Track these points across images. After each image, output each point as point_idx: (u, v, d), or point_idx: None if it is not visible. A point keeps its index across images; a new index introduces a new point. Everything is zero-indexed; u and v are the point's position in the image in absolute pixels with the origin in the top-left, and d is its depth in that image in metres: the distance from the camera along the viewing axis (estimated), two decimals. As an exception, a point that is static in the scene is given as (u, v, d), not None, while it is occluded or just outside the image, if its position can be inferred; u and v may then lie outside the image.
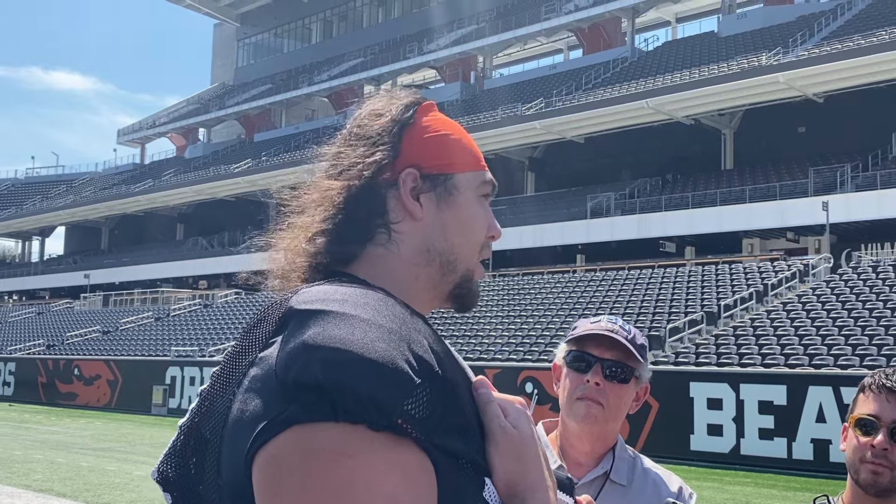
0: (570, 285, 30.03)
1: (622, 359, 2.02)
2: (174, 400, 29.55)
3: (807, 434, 15.85)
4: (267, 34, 73.26)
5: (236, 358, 1.03)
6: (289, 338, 0.97)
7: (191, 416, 1.06)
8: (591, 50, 51.25)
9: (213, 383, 1.05)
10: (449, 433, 0.98)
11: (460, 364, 1.11)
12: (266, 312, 1.06)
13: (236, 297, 43.62)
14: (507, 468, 1.04)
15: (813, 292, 22.89)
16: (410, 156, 1.17)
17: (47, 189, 75.75)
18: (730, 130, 41.32)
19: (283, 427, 0.93)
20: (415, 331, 1.01)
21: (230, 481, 0.99)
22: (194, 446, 1.04)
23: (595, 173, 43.61)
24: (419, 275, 1.16)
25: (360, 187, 1.16)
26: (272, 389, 0.95)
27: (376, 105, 1.23)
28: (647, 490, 2.05)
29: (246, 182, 53.68)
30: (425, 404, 0.95)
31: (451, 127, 1.23)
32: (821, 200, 29.89)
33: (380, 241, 1.15)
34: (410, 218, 1.16)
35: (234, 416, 0.99)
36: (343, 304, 1.00)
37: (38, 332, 44.87)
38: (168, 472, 1.07)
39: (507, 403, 1.10)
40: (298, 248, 1.18)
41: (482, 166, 1.24)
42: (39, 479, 13.50)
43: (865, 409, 1.99)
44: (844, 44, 35.69)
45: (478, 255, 1.21)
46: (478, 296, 1.23)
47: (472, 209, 1.20)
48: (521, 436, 1.07)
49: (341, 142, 1.22)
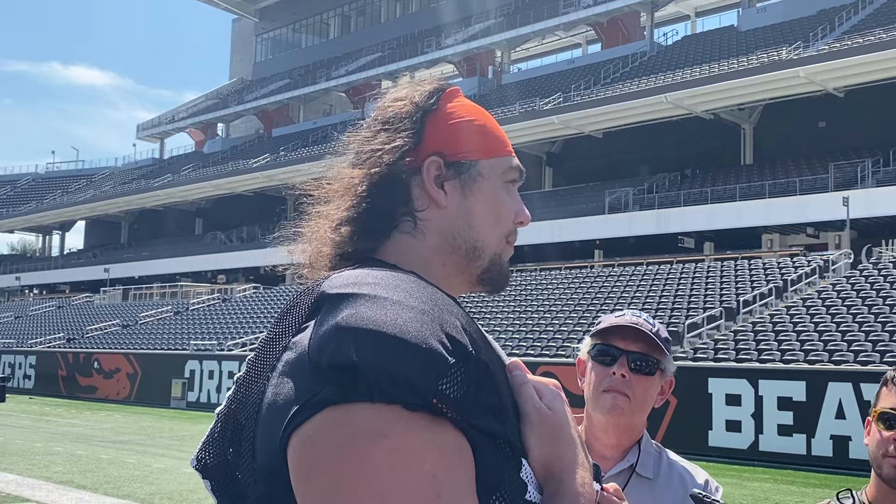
0: (587, 281, 29.96)
1: (647, 351, 2.02)
2: (193, 393, 29.70)
3: (826, 430, 15.75)
4: (285, 29, 73.42)
5: (270, 344, 1.04)
6: (321, 321, 0.98)
7: (227, 403, 1.08)
8: (610, 44, 51.06)
9: (249, 370, 1.06)
10: (484, 413, 0.98)
11: (494, 346, 1.11)
12: (298, 299, 1.06)
13: (255, 291, 43.79)
14: (543, 449, 1.05)
15: (833, 288, 22.75)
16: (434, 142, 1.17)
17: (67, 184, 76.27)
18: (749, 125, 41.09)
19: (318, 409, 0.93)
20: (447, 312, 1.01)
21: (265, 464, 0.99)
22: (231, 433, 1.05)
23: (613, 168, 43.46)
24: (446, 261, 1.16)
25: (382, 175, 1.16)
26: (306, 372, 0.96)
27: (400, 93, 1.22)
28: (673, 483, 2.04)
29: (264, 177, 53.84)
30: (459, 384, 0.95)
31: (477, 112, 1.22)
32: (841, 196, 29.68)
33: (405, 230, 1.15)
34: (435, 206, 1.15)
35: (269, 400, 0.99)
36: (375, 286, 1.00)
37: (59, 325, 45.21)
38: (206, 459, 1.08)
39: (542, 385, 1.11)
40: (325, 238, 1.18)
41: (509, 152, 1.23)
42: (60, 471, 13.61)
43: (888, 402, 1.99)
44: (865, 38, 35.42)
45: (505, 241, 1.20)
46: (508, 276, 1.23)
47: (497, 196, 1.19)
48: (557, 417, 1.08)
49: (365, 130, 1.21)
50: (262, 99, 66.89)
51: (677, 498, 2.01)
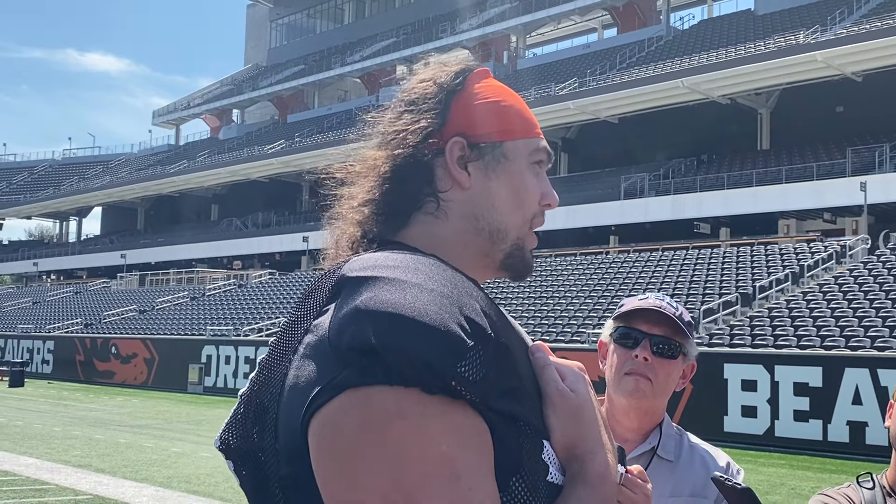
0: (602, 266, 29.91)
1: (670, 334, 2.02)
2: (209, 378, 29.86)
3: (843, 416, 15.70)
4: (300, 15, 73.35)
5: (292, 327, 1.05)
6: (342, 304, 0.98)
7: (250, 385, 1.08)
8: (626, 29, 50.78)
9: (271, 352, 1.06)
10: (504, 395, 0.98)
11: (515, 328, 1.11)
12: (319, 282, 1.07)
13: (270, 277, 43.91)
14: (565, 431, 1.05)
15: (850, 273, 22.64)
16: (458, 123, 1.16)
17: (84, 170, 76.62)
18: (766, 110, 40.82)
19: (338, 391, 0.93)
20: (467, 295, 1.01)
21: (286, 446, 1.00)
22: (254, 414, 1.05)
23: (629, 153, 43.29)
24: (468, 243, 1.15)
25: (406, 156, 1.15)
26: (326, 354, 0.96)
27: (426, 73, 1.21)
28: (695, 465, 2.04)
29: (279, 163, 53.89)
30: (478, 367, 0.94)
31: (504, 93, 1.21)
32: (858, 181, 29.48)
33: (428, 210, 1.14)
34: (458, 187, 1.15)
35: (290, 383, 1.00)
36: (394, 269, 1.00)
37: (76, 311, 45.51)
38: (230, 440, 1.08)
39: (565, 367, 1.10)
40: (349, 219, 1.18)
41: (536, 133, 1.21)
42: (78, 454, 13.74)
43: None
44: (884, 21, 35.08)
45: (530, 224, 1.20)
46: (531, 265, 1.22)
47: (523, 178, 1.18)
48: (579, 398, 1.07)
49: (390, 111, 1.21)
50: (276, 85, 66.92)
51: (699, 480, 2.01)
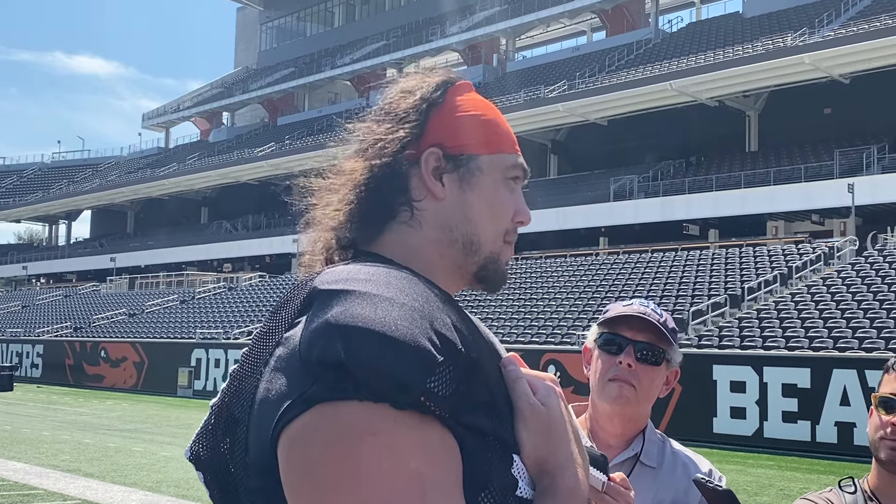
0: (592, 268, 29.96)
1: (654, 341, 2.03)
2: (199, 382, 29.78)
3: (831, 417, 15.76)
4: (290, 17, 73.29)
5: (263, 338, 1.05)
6: (312, 317, 0.98)
7: (221, 397, 1.08)
8: (615, 31, 50.90)
9: (242, 364, 1.06)
10: (474, 410, 0.98)
11: (488, 340, 1.11)
12: (292, 294, 1.06)
13: (260, 279, 43.85)
14: (535, 445, 1.04)
15: (838, 275, 22.73)
16: (436, 135, 1.16)
17: (73, 173, 76.35)
18: (754, 112, 40.97)
19: (307, 406, 0.93)
20: (438, 309, 1.01)
21: (256, 460, 1.00)
22: (225, 426, 1.05)
23: (618, 156, 43.38)
24: (443, 253, 1.15)
25: (382, 165, 1.15)
26: (296, 368, 0.96)
27: (408, 84, 1.21)
28: (677, 472, 2.06)
29: (270, 166, 53.81)
30: (448, 382, 0.95)
31: (484, 107, 1.21)
32: (846, 182, 29.61)
33: (402, 219, 1.15)
34: (432, 197, 1.15)
35: (261, 396, 1.00)
36: (366, 283, 1.00)
37: (66, 314, 45.33)
38: (200, 452, 1.08)
39: (537, 380, 1.10)
40: (324, 226, 1.19)
41: (514, 150, 1.21)
42: (67, 459, 13.68)
43: (888, 388, 2.01)
44: (871, 24, 35.26)
45: (503, 238, 1.19)
46: (505, 277, 1.21)
47: (497, 192, 1.18)
48: (550, 413, 1.07)
49: (369, 120, 1.21)
50: (266, 87, 66.83)
51: (681, 486, 2.02)
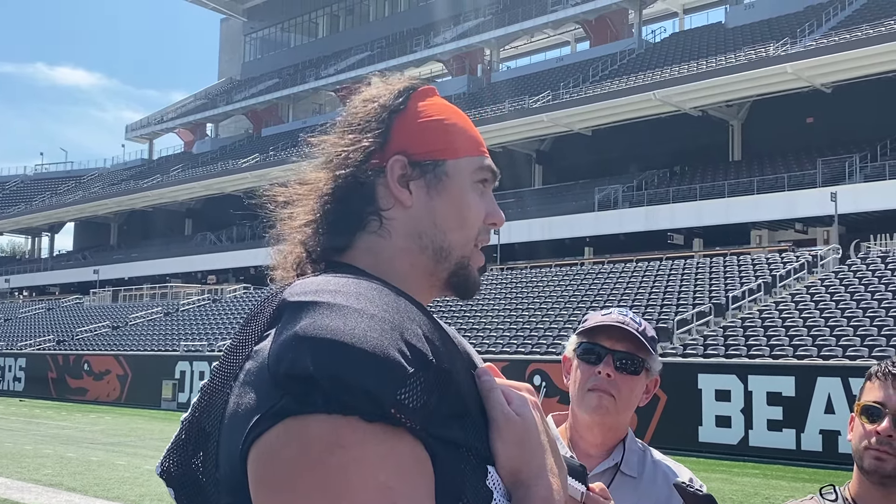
0: (577, 278, 30.00)
1: (633, 350, 2.02)
2: (184, 394, 29.62)
3: (815, 425, 15.81)
4: (273, 29, 73.31)
5: (233, 352, 1.03)
6: (281, 330, 0.97)
7: (192, 411, 1.07)
8: (598, 42, 51.16)
9: (213, 377, 1.05)
10: (446, 422, 0.97)
11: (462, 350, 1.10)
12: (261, 306, 1.05)
13: (245, 291, 43.72)
14: (510, 455, 1.03)
15: (822, 283, 22.84)
16: (400, 142, 1.15)
17: (56, 185, 76.03)
18: (738, 121, 41.22)
19: (276, 420, 0.92)
20: (409, 319, 0.99)
21: (227, 475, 0.98)
22: (196, 441, 1.04)
23: (603, 166, 43.55)
24: (414, 262, 1.14)
25: (347, 176, 1.14)
26: (265, 382, 0.95)
27: (370, 92, 1.21)
28: (657, 481, 2.04)
29: (254, 177, 53.67)
30: (419, 393, 0.93)
31: (448, 112, 1.20)
32: (829, 191, 29.81)
33: (371, 229, 1.14)
34: (400, 205, 1.14)
35: (230, 410, 0.99)
36: (335, 294, 0.99)
37: (48, 327, 45.03)
38: (171, 467, 1.07)
39: (511, 390, 1.08)
40: (293, 240, 1.17)
41: (481, 152, 1.20)
42: (49, 473, 13.56)
43: (871, 396, 1.99)
44: (853, 33, 35.55)
45: (474, 242, 1.18)
46: (477, 283, 1.20)
47: (465, 196, 1.17)
48: (525, 423, 1.05)
49: (333, 132, 1.20)
50: (251, 99, 66.78)
51: (661, 496, 2.01)
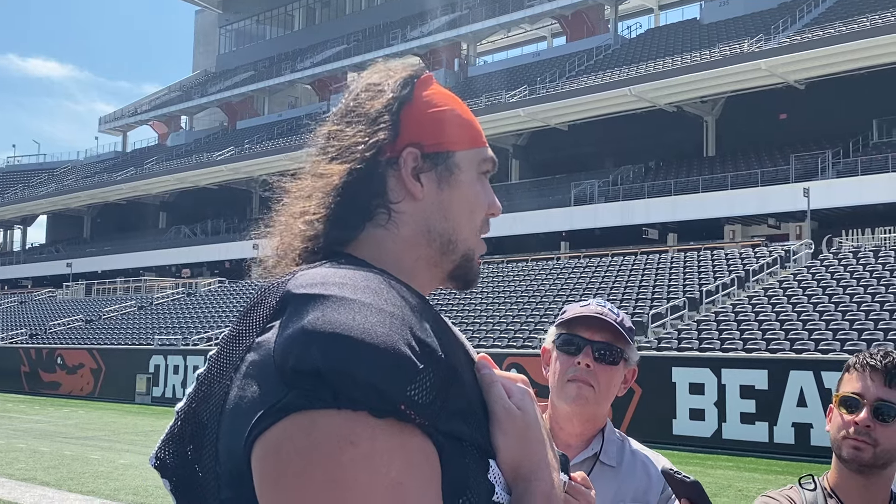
0: (553, 272, 30.10)
1: (612, 340, 2.05)
2: (158, 388, 29.47)
3: (788, 418, 15.97)
4: (249, 21, 72.83)
5: (233, 341, 1.01)
6: (287, 323, 0.95)
7: (188, 401, 1.04)
8: (575, 37, 51.25)
9: (211, 367, 1.03)
10: (453, 417, 0.97)
11: (461, 342, 1.10)
12: (263, 295, 1.02)
13: (220, 285, 43.45)
14: (511, 449, 1.04)
15: (794, 278, 23.04)
16: (410, 133, 1.13)
17: (29, 178, 75.19)
18: (712, 117, 41.46)
19: (283, 414, 0.91)
20: (417, 314, 0.99)
21: (229, 468, 0.97)
22: (192, 431, 1.02)
23: (579, 160, 43.69)
24: (420, 255, 1.13)
25: (358, 168, 1.12)
26: (270, 376, 0.93)
27: (373, 79, 1.18)
28: (636, 471, 2.07)
29: (229, 170, 53.44)
30: (428, 390, 0.93)
31: (451, 101, 1.19)
32: (802, 187, 30.06)
33: (380, 222, 1.12)
34: (411, 198, 1.12)
35: (232, 403, 0.97)
36: (342, 287, 0.97)
37: (21, 321, 44.60)
38: (166, 458, 1.05)
39: (511, 384, 1.10)
40: (296, 231, 1.15)
41: (483, 143, 1.21)
42: (23, 468, 13.46)
43: (850, 387, 2.03)
44: (826, 31, 35.84)
45: (478, 232, 1.19)
46: (478, 274, 1.20)
47: (473, 188, 1.17)
48: (526, 417, 1.06)
49: (338, 119, 1.17)
50: (226, 91, 66.34)
51: (640, 485, 2.04)
